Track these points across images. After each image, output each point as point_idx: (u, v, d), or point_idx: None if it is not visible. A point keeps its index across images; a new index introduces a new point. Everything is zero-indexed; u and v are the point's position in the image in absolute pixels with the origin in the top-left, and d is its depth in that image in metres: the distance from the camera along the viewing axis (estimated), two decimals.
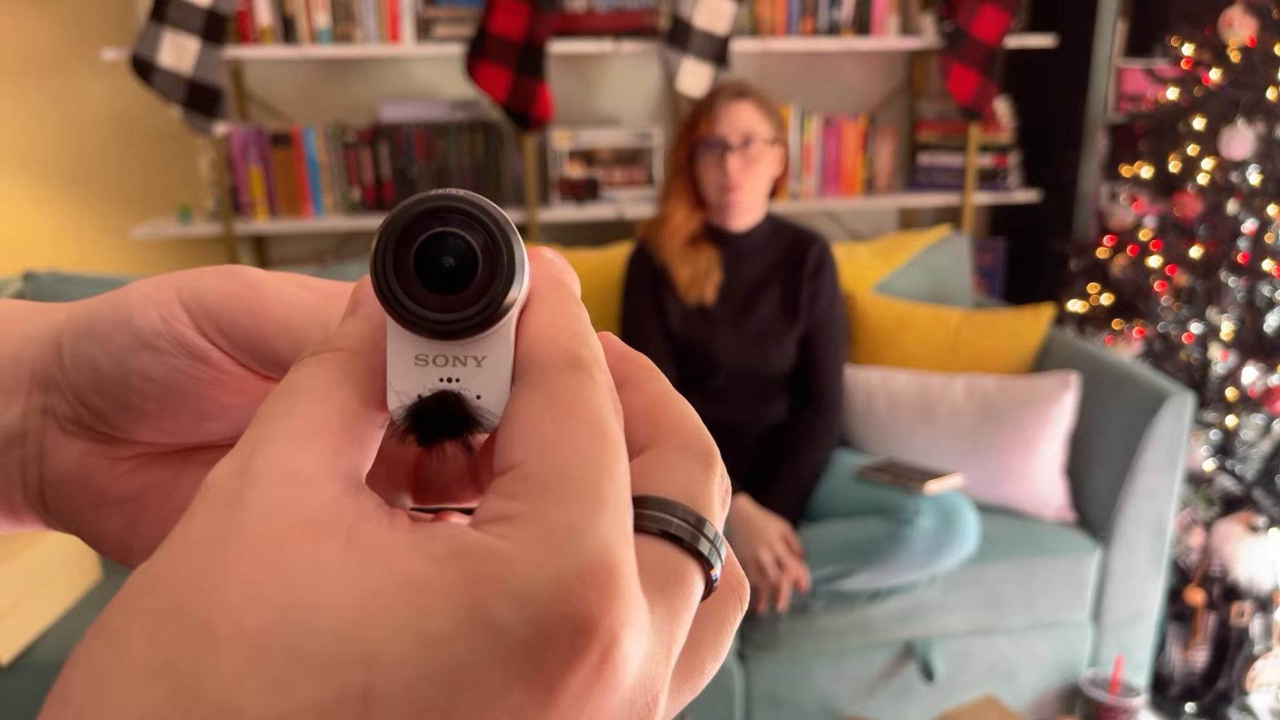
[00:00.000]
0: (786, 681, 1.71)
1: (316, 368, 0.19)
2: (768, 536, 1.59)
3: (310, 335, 0.22)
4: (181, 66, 2.02)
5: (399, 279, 0.19)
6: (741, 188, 1.68)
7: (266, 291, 0.23)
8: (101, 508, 0.25)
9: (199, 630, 0.15)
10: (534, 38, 2.11)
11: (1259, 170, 1.93)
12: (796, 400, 1.80)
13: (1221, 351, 1.99)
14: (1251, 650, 1.92)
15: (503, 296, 0.19)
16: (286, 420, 0.18)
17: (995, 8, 2.22)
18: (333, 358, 0.19)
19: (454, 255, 0.19)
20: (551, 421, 0.18)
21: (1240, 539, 1.87)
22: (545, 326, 0.20)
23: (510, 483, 0.17)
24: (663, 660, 0.18)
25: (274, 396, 0.18)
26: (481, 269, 0.19)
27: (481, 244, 0.19)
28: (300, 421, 0.18)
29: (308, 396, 0.18)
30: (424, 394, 0.19)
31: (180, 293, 0.23)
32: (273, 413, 0.18)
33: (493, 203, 0.19)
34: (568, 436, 0.18)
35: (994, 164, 2.50)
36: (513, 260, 0.19)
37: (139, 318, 0.23)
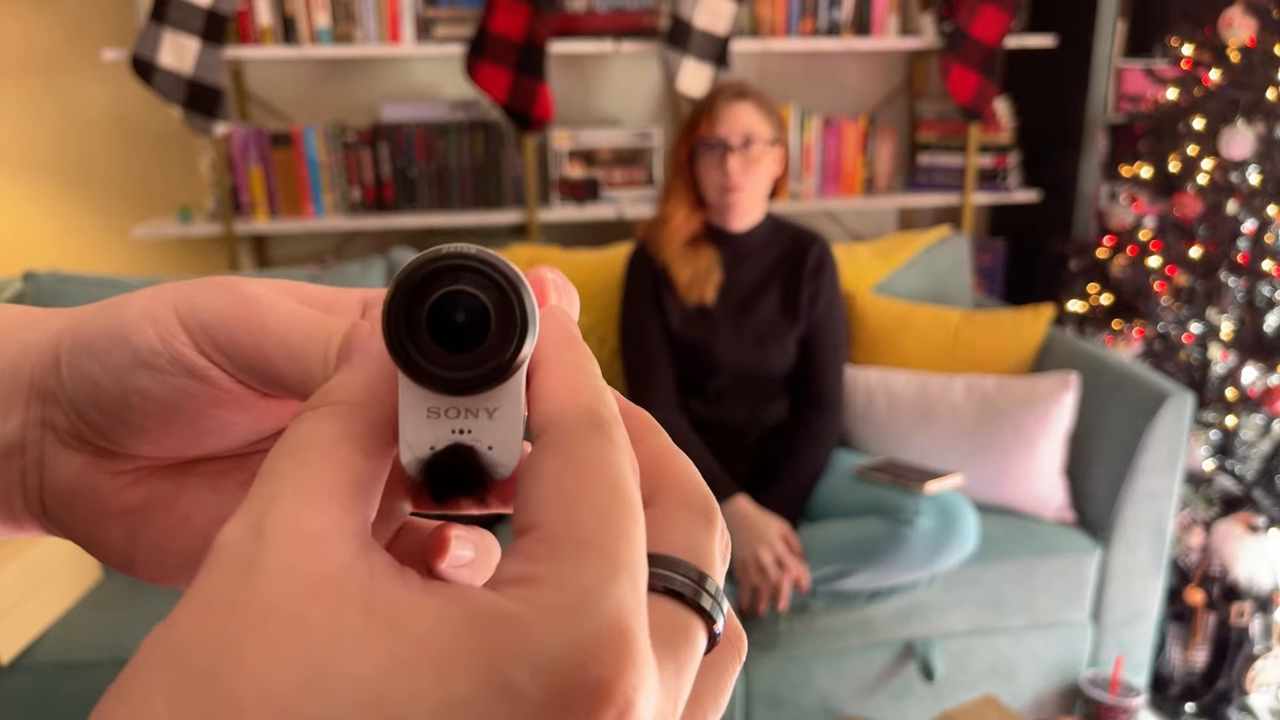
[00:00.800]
0: (786, 681, 1.71)
1: (318, 423, 0.19)
2: (768, 536, 1.59)
3: (309, 352, 0.22)
4: (182, 67, 2.02)
5: (412, 336, 0.19)
6: (742, 188, 1.68)
7: (264, 307, 0.23)
8: (102, 519, 0.25)
9: (223, 697, 0.15)
10: (534, 38, 2.11)
11: (1259, 170, 1.93)
12: (796, 400, 1.80)
13: (1221, 351, 1.99)
14: (1251, 650, 1.92)
15: (516, 353, 0.19)
16: (293, 478, 0.18)
17: (995, 8, 2.22)
18: (333, 412, 0.19)
19: (467, 312, 0.19)
20: (571, 482, 0.18)
21: (1240, 539, 1.87)
22: (562, 383, 0.20)
23: (530, 544, 0.18)
24: (670, 716, 0.18)
25: (278, 453, 0.19)
26: (495, 326, 0.19)
27: (494, 301, 0.19)
28: (307, 479, 0.18)
29: (313, 453, 0.19)
30: (437, 447, 0.20)
31: (178, 309, 0.23)
32: (279, 470, 0.18)
33: (504, 258, 0.19)
34: (587, 497, 0.18)
35: (994, 164, 2.50)
36: (525, 317, 0.19)
37: (136, 335, 0.23)
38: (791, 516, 1.68)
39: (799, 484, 1.74)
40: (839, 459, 1.79)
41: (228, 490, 0.26)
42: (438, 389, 0.19)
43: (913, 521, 1.58)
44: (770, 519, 1.62)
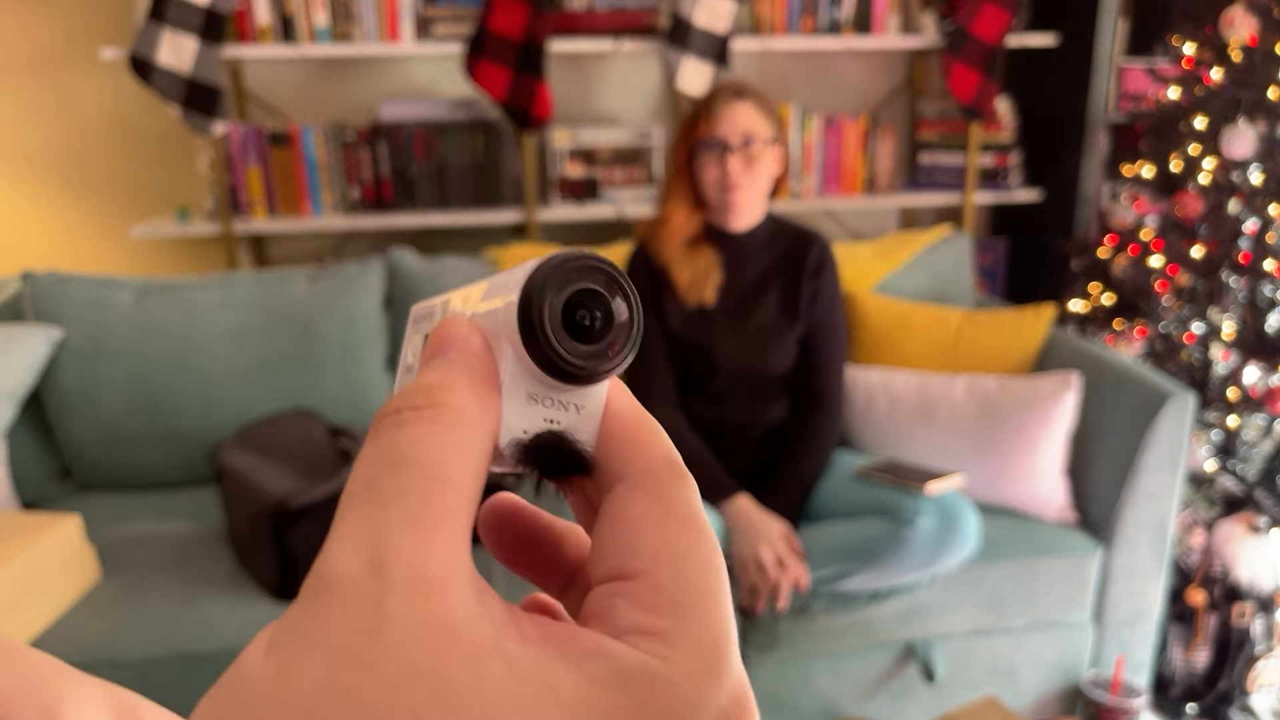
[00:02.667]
0: (787, 682, 1.70)
1: (423, 431, 0.18)
2: (769, 535, 1.59)
3: None
4: (180, 66, 2.01)
5: (548, 322, 0.20)
6: (742, 187, 1.68)
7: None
8: None
9: None
10: (534, 36, 2.10)
11: (1260, 170, 1.92)
12: (797, 400, 1.80)
13: (1223, 351, 1.98)
14: (1253, 651, 1.92)
15: (629, 356, 0.21)
16: (406, 501, 0.17)
17: (996, 7, 2.22)
18: (439, 416, 0.18)
19: (595, 311, 0.21)
20: (675, 534, 0.19)
21: (1242, 539, 1.86)
22: (645, 430, 0.21)
23: (646, 593, 0.18)
24: None
25: (382, 465, 0.17)
26: (619, 327, 0.21)
27: (619, 305, 0.21)
28: (421, 504, 0.17)
29: (422, 470, 0.17)
30: (530, 432, 0.20)
31: None
32: (389, 490, 0.17)
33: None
34: (695, 552, 0.19)
35: (995, 163, 2.50)
36: (639, 327, 0.21)
37: None
38: (792, 517, 1.68)
39: (800, 484, 1.73)
40: (840, 459, 1.78)
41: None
42: (561, 375, 0.20)
43: (913, 522, 1.57)
44: (771, 519, 1.62)
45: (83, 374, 1.87)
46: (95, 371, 1.87)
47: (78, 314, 1.86)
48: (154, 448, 1.91)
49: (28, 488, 1.87)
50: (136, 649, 1.47)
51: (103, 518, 1.75)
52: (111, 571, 1.63)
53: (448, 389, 0.19)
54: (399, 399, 0.19)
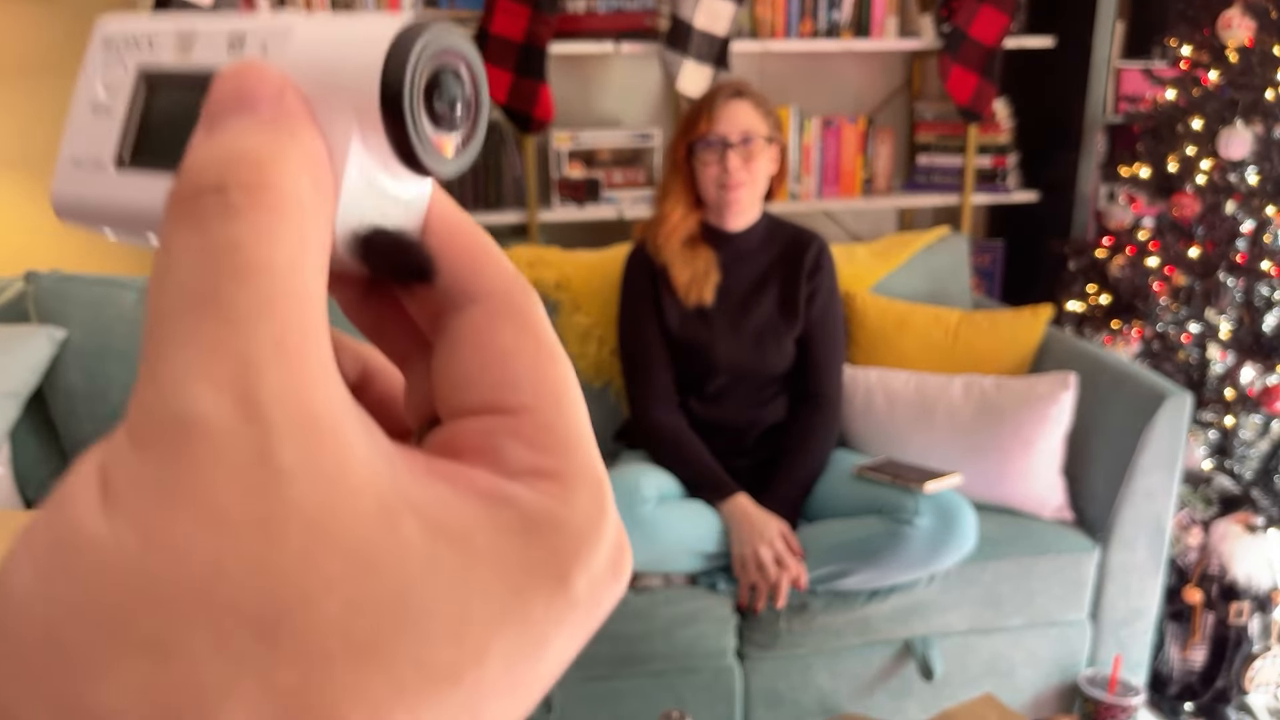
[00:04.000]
0: (786, 680, 1.71)
1: (264, 224, 0.14)
2: (767, 535, 1.60)
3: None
4: None
5: (417, 99, 0.17)
6: (741, 186, 1.69)
7: None
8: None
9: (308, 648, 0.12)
10: (534, 39, 2.11)
11: (1257, 171, 1.93)
12: (795, 400, 1.80)
13: (1219, 351, 1.99)
14: (1250, 649, 1.92)
15: (477, 147, 0.18)
16: (266, 323, 0.14)
17: (994, 9, 2.23)
18: (278, 205, 0.14)
19: (460, 94, 0.17)
20: (549, 367, 0.17)
21: (1238, 538, 1.87)
22: (489, 247, 0.19)
23: (534, 431, 0.16)
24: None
25: (222, 271, 0.14)
26: (471, 114, 0.18)
27: (471, 91, 0.18)
28: (285, 324, 0.14)
29: (275, 280, 0.14)
30: (364, 224, 0.17)
31: None
32: (242, 306, 0.13)
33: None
34: (571, 386, 0.17)
35: (992, 165, 2.51)
36: (486, 117, 0.18)
37: None
38: (791, 516, 1.68)
39: (798, 483, 1.74)
40: (838, 459, 1.79)
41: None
42: (414, 164, 0.17)
43: (912, 521, 1.58)
44: (770, 518, 1.63)
45: (86, 374, 1.88)
46: (99, 371, 1.88)
47: (81, 314, 1.86)
48: None
49: (31, 488, 1.88)
50: None
51: None
52: None
53: (280, 167, 0.15)
54: (218, 170, 0.14)
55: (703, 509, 1.66)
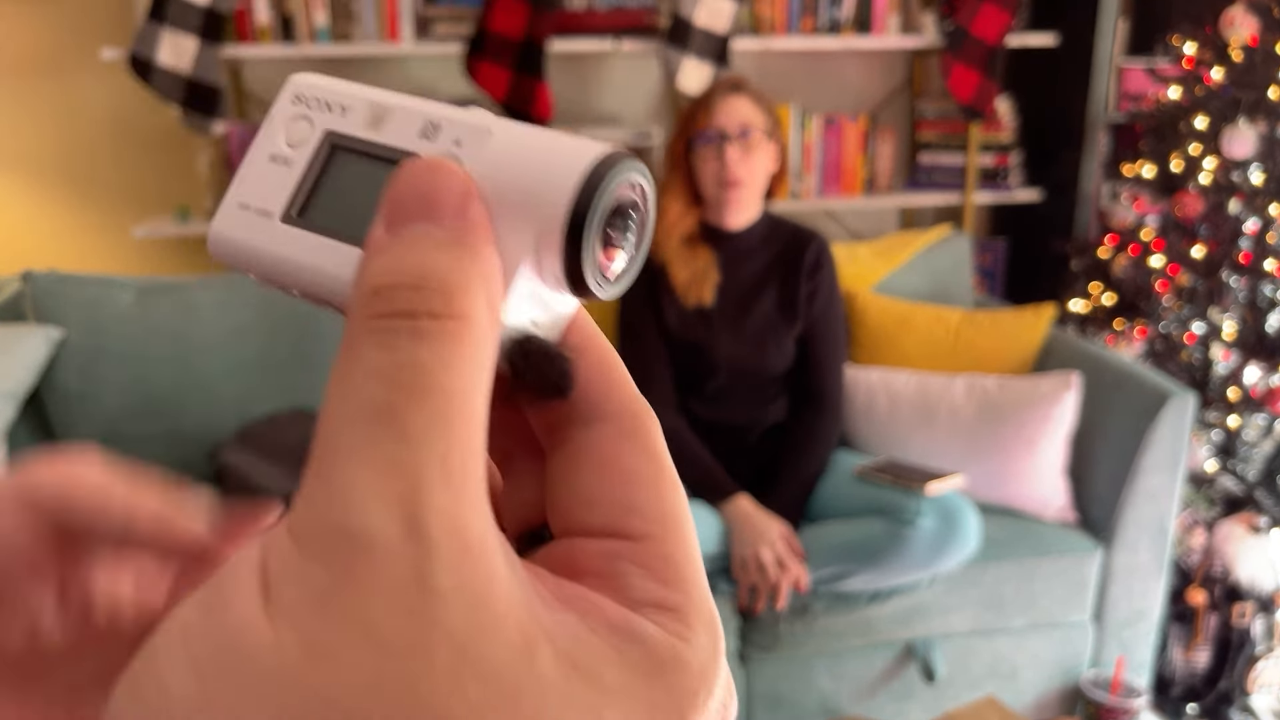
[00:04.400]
0: (787, 682, 1.70)
1: (448, 350, 0.15)
2: (768, 536, 1.59)
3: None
4: (180, 66, 2.02)
5: (598, 232, 0.17)
6: (740, 182, 1.68)
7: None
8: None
9: None
10: (534, 36, 2.10)
11: (1261, 169, 1.92)
12: (796, 400, 1.80)
13: (1223, 351, 1.98)
14: (1253, 651, 1.92)
15: (638, 270, 0.19)
16: (438, 443, 0.14)
17: (996, 6, 2.22)
18: (461, 333, 0.15)
19: (631, 224, 0.18)
20: (671, 495, 0.18)
21: (1242, 539, 1.86)
22: (613, 359, 0.19)
23: (656, 562, 0.17)
24: None
25: (404, 390, 0.14)
26: (639, 242, 0.18)
27: (644, 220, 0.19)
28: (452, 447, 0.14)
29: (450, 404, 0.14)
30: (527, 335, 0.18)
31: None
32: (417, 426, 0.14)
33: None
34: (689, 519, 0.18)
35: (995, 163, 2.50)
36: (649, 242, 0.19)
37: None
38: (792, 517, 1.68)
39: (800, 484, 1.73)
40: (840, 459, 1.78)
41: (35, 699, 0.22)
42: (581, 289, 0.18)
43: (914, 522, 1.57)
44: (771, 519, 1.62)
45: (83, 374, 1.87)
46: (95, 371, 1.87)
47: (78, 314, 1.86)
48: (154, 447, 1.91)
49: None
50: None
51: None
52: None
53: (467, 297, 0.15)
54: (412, 296, 0.15)
55: (703, 510, 1.65)
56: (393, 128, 0.19)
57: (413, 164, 0.17)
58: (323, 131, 0.20)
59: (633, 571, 0.16)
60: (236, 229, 0.20)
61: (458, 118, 0.19)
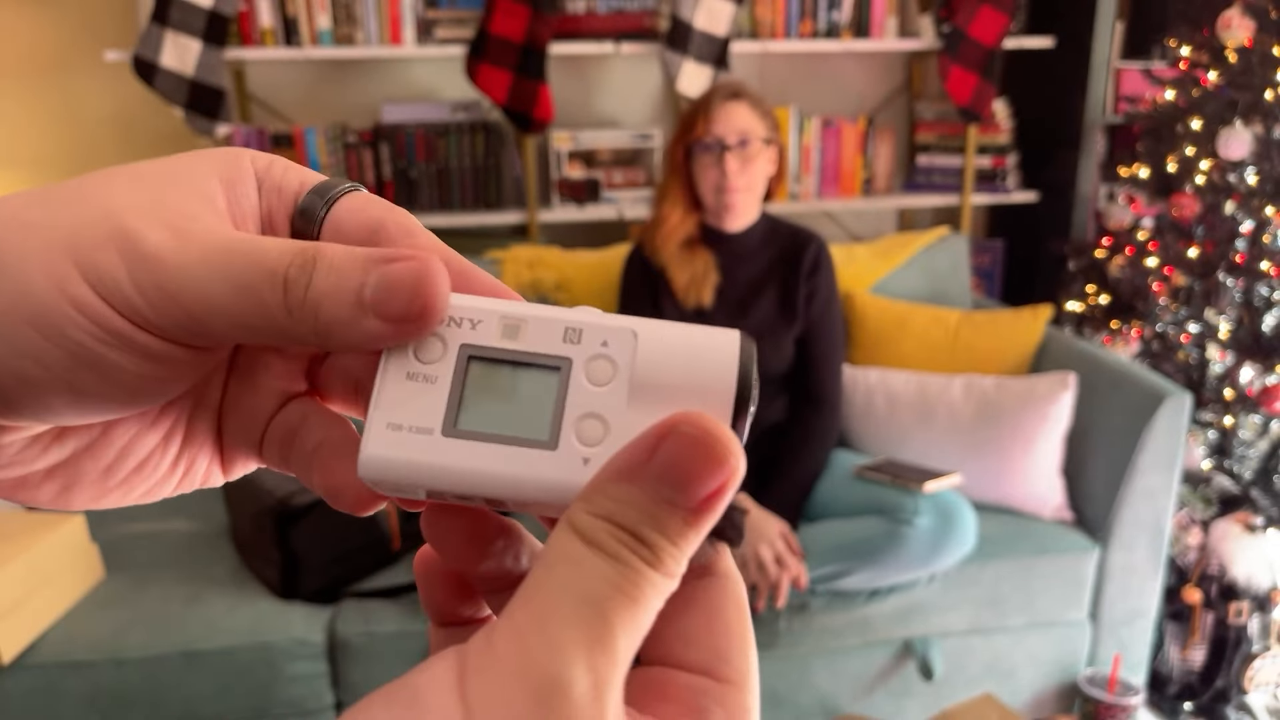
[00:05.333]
0: (786, 680, 1.71)
1: (654, 593, 0.19)
2: (768, 534, 1.60)
3: (256, 306, 0.20)
4: (183, 68, 2.03)
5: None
6: (739, 189, 1.69)
7: (169, 263, 0.20)
8: (23, 487, 0.23)
9: None
10: (534, 39, 2.11)
11: (1256, 171, 1.94)
12: (795, 400, 1.81)
13: (1219, 351, 1.99)
14: (1249, 649, 1.93)
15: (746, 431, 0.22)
16: (624, 644, 0.18)
17: (993, 9, 2.23)
18: (664, 587, 0.19)
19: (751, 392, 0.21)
20: (751, 654, 0.22)
21: (1238, 538, 1.87)
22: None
23: (738, 710, 0.21)
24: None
25: (620, 600, 0.18)
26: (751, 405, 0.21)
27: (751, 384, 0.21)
28: (630, 650, 0.19)
29: (639, 621, 0.19)
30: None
31: (93, 284, 0.20)
32: (619, 626, 0.18)
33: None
34: (757, 668, 0.22)
35: (992, 165, 2.51)
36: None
37: (60, 319, 0.20)
38: (791, 516, 1.69)
39: (799, 484, 1.74)
40: (838, 459, 1.79)
41: (162, 425, 0.24)
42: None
43: (912, 521, 1.58)
44: (770, 518, 1.63)
45: None
46: None
47: None
48: None
49: None
50: (140, 647, 1.48)
51: (106, 516, 1.76)
52: (115, 570, 1.64)
53: (678, 562, 0.19)
54: (650, 537, 0.19)
55: None
56: (531, 335, 0.21)
57: (694, 429, 0.19)
58: (459, 346, 0.21)
59: (716, 711, 0.20)
60: (395, 449, 0.21)
61: (594, 320, 0.21)
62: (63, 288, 0.19)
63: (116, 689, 1.48)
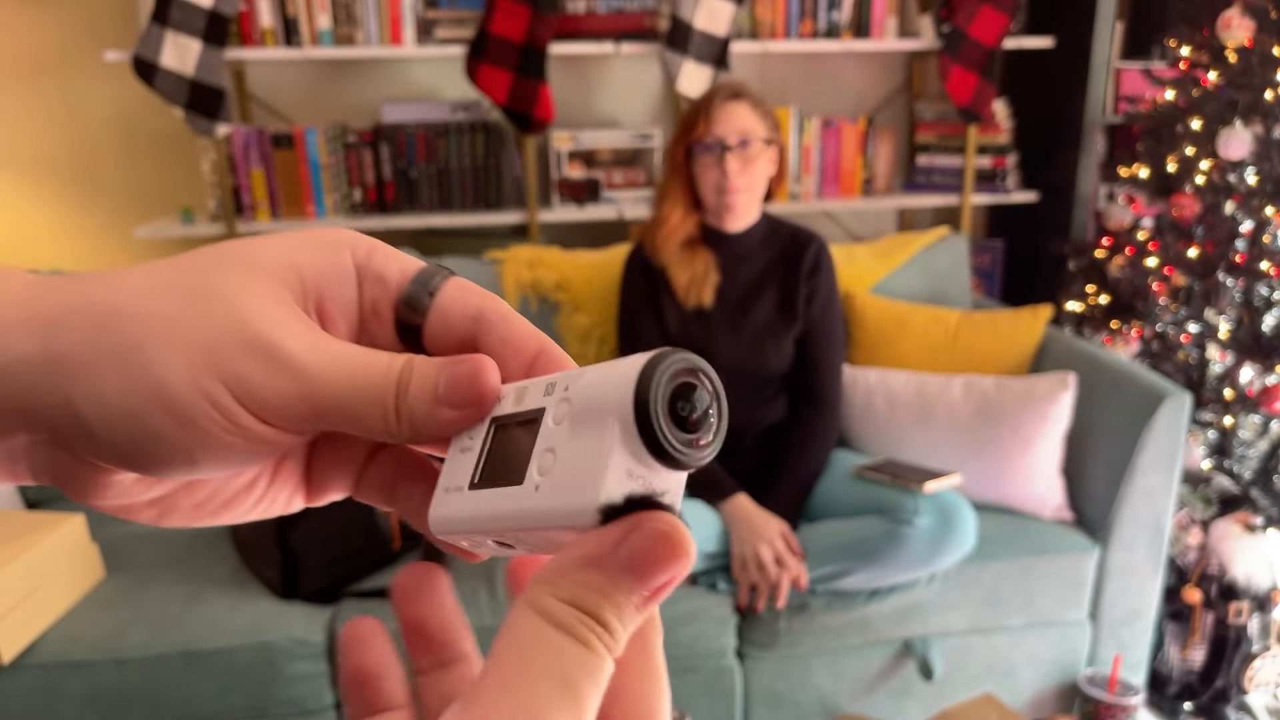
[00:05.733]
0: (786, 680, 1.71)
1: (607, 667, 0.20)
2: (767, 535, 1.60)
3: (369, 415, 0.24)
4: (184, 68, 2.03)
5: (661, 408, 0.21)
6: (740, 189, 1.69)
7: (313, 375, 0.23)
8: (126, 511, 0.26)
9: None
10: (534, 39, 2.11)
11: (1256, 171, 1.94)
12: (795, 400, 1.81)
13: (1219, 351, 1.99)
14: (1249, 649, 1.93)
15: (716, 448, 0.22)
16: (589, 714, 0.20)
17: (993, 9, 2.23)
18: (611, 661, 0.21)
19: (696, 403, 0.22)
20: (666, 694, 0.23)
21: (1238, 538, 1.87)
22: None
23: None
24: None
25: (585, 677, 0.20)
26: (708, 423, 0.22)
27: (710, 402, 0.22)
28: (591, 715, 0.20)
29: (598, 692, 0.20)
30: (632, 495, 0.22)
31: (231, 389, 0.23)
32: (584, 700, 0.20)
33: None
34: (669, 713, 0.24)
35: (992, 165, 2.51)
36: (725, 425, 0.23)
37: (198, 416, 0.22)
38: (791, 516, 1.69)
39: (798, 483, 1.74)
40: (838, 459, 1.79)
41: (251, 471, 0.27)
42: (662, 458, 0.21)
43: (911, 521, 1.58)
44: (770, 518, 1.63)
45: None
46: None
47: None
48: None
49: (31, 488, 1.88)
50: (140, 647, 1.48)
51: (106, 517, 1.76)
52: (115, 570, 1.64)
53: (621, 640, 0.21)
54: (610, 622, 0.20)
55: (703, 509, 1.66)
56: (529, 397, 0.24)
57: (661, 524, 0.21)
58: (489, 419, 0.25)
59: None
60: (445, 507, 0.25)
61: (565, 374, 0.24)
62: (201, 385, 0.22)
63: (116, 689, 1.48)
